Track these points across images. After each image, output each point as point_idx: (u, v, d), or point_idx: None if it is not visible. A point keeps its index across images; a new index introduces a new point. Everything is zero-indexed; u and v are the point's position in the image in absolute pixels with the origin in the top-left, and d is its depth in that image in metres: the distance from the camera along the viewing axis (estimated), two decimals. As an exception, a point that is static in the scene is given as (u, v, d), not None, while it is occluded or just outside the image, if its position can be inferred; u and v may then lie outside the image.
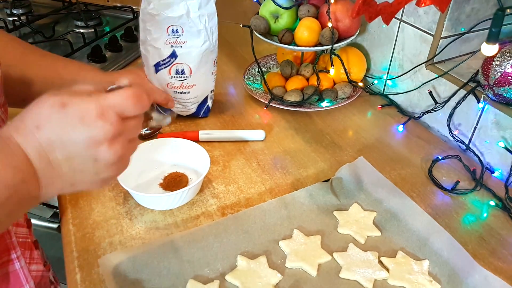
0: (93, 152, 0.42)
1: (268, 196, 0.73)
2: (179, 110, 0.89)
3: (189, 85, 0.84)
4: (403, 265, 0.60)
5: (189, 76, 0.83)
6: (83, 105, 0.42)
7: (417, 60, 0.88)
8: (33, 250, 0.68)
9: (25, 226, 0.66)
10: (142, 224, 0.68)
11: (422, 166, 0.79)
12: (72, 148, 0.42)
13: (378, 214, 0.68)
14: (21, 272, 0.68)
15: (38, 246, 0.73)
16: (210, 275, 0.59)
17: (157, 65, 0.82)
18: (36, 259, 0.73)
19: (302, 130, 0.90)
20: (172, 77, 0.83)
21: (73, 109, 0.41)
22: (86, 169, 0.43)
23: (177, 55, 0.81)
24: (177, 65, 0.82)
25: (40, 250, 0.79)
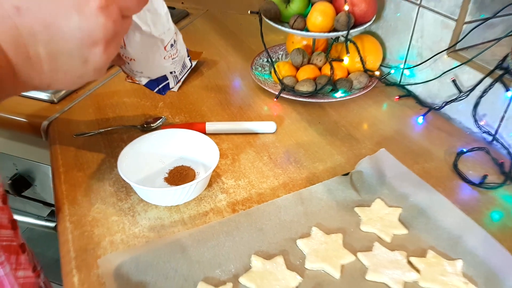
0: (85, 52, 0.36)
1: (282, 191, 0.68)
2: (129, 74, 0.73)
3: (127, 57, 0.66)
4: (434, 265, 0.54)
5: (123, 48, 0.65)
6: None
7: (438, 48, 0.83)
8: (20, 254, 0.62)
9: (10, 228, 0.60)
10: (146, 221, 0.63)
11: (446, 159, 0.74)
12: (61, 43, 0.34)
13: (404, 210, 0.63)
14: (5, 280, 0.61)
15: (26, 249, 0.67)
16: (222, 277, 0.54)
17: None
18: (24, 264, 0.67)
19: (315, 122, 0.84)
20: None
21: None
22: (71, 71, 0.37)
23: None
24: None
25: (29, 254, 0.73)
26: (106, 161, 0.74)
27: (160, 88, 0.77)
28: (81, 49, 0.35)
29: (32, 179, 1.28)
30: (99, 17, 0.34)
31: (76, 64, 0.36)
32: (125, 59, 0.68)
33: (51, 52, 0.34)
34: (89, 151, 0.77)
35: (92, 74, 0.38)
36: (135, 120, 0.85)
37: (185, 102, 0.91)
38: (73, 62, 0.36)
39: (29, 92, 0.93)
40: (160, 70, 0.74)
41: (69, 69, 0.36)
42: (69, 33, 0.34)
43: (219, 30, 1.27)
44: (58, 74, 0.36)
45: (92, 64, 0.37)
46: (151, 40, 0.65)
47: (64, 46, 0.34)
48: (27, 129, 0.89)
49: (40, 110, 0.89)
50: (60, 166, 0.74)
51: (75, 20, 0.33)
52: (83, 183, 0.70)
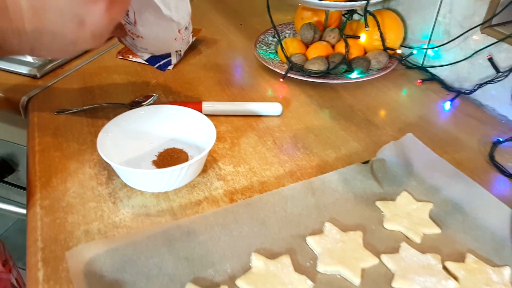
0: (82, 10, 0.27)
1: (288, 180, 0.59)
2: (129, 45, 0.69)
3: (134, 34, 0.64)
4: (476, 272, 0.45)
5: (133, 24, 0.62)
6: None
7: (470, 23, 0.73)
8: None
9: None
10: (128, 209, 0.54)
11: (481, 150, 0.65)
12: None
13: (435, 206, 0.53)
14: None
15: None
16: (215, 278, 0.45)
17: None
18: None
19: (326, 105, 0.75)
20: None
21: None
22: (61, 34, 0.28)
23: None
24: None
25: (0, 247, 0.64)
26: (88, 141, 0.65)
27: (161, 64, 0.71)
28: (76, 5, 0.27)
29: (15, 164, 1.20)
30: None
31: (69, 25, 0.28)
32: (131, 35, 0.63)
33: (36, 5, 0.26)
34: (70, 130, 0.68)
35: (90, 40, 0.30)
36: (124, 98, 0.76)
37: (181, 81, 0.82)
38: (64, 21, 0.27)
39: (10, 65, 0.84)
40: (167, 49, 0.69)
41: (59, 30, 0.28)
42: None
43: (221, 8, 1.18)
44: (44, 36, 0.28)
45: (90, 27, 0.28)
46: (167, 22, 0.61)
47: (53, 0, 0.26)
48: (4, 105, 0.81)
49: (20, 85, 0.81)
50: (36, 144, 0.66)
51: None
52: (60, 164, 0.61)
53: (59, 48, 0.30)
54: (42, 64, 0.84)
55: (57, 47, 0.30)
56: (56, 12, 0.27)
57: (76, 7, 0.27)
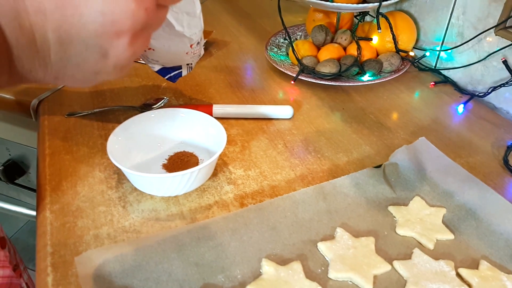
0: (106, 43, 0.28)
1: (299, 184, 0.58)
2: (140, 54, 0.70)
3: None
4: (490, 279, 0.44)
5: None
6: None
7: (484, 25, 0.72)
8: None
9: None
10: (138, 214, 0.53)
11: (494, 153, 0.63)
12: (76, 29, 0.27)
13: (449, 211, 0.52)
14: None
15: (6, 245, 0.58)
16: (225, 284, 0.44)
17: None
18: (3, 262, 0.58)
19: (338, 108, 0.74)
20: None
21: None
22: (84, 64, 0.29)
23: None
24: None
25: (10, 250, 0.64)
26: (98, 144, 0.65)
27: (171, 76, 0.71)
28: (101, 39, 0.28)
29: (26, 166, 1.20)
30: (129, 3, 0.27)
31: (93, 57, 0.28)
32: None
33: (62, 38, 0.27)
34: (80, 133, 0.68)
35: (112, 71, 0.30)
36: (134, 101, 0.75)
37: (191, 84, 0.81)
38: (88, 53, 0.28)
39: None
40: (178, 62, 0.69)
41: (83, 62, 0.29)
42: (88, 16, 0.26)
43: (232, 11, 1.17)
44: (68, 67, 0.29)
45: (113, 59, 0.29)
46: (179, 38, 0.61)
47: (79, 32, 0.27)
48: (15, 108, 0.81)
49: (31, 88, 0.81)
50: (46, 147, 0.65)
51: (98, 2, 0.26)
52: (70, 167, 0.61)
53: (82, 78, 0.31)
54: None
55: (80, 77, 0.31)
56: (82, 45, 0.27)
57: (100, 41, 0.28)
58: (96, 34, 0.27)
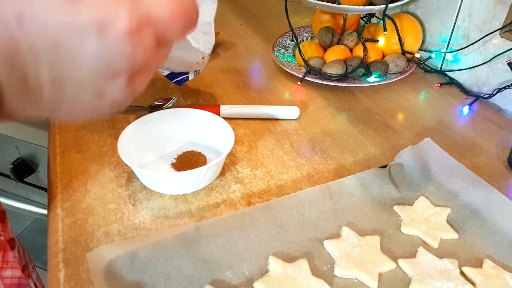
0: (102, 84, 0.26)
1: (305, 184, 0.59)
2: None
3: None
4: (494, 278, 0.44)
5: None
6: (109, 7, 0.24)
7: (489, 28, 0.72)
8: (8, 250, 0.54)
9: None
10: (148, 211, 0.54)
11: (499, 155, 0.64)
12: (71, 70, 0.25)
13: (453, 211, 0.53)
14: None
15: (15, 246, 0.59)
16: (233, 281, 0.45)
17: None
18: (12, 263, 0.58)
19: (344, 109, 0.75)
20: None
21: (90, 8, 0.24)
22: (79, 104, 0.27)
23: None
24: None
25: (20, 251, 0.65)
26: (108, 143, 0.66)
27: (179, 80, 0.74)
28: (96, 80, 0.26)
29: (35, 165, 1.22)
30: (125, 44, 0.25)
31: (88, 97, 0.27)
32: None
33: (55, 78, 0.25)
34: (90, 132, 0.69)
35: (108, 109, 0.29)
36: (143, 101, 0.76)
37: (199, 84, 0.82)
38: (83, 93, 0.27)
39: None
40: (187, 69, 0.71)
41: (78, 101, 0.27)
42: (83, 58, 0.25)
43: (239, 12, 1.18)
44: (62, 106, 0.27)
45: (109, 100, 0.28)
46: (194, 51, 0.64)
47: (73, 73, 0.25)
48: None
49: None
50: (57, 146, 0.66)
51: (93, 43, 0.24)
52: (80, 166, 0.62)
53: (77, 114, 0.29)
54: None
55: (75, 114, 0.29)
56: (76, 85, 0.26)
57: (96, 82, 0.26)
58: (91, 75, 0.26)
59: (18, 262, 0.59)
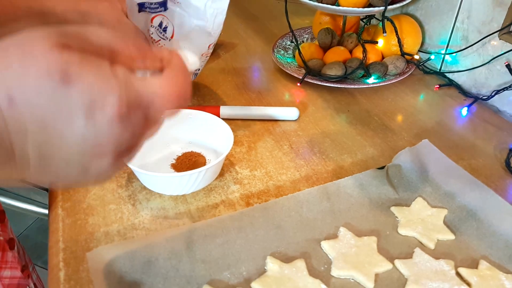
0: (87, 163, 0.27)
1: (303, 184, 0.59)
2: None
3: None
4: (489, 279, 0.45)
5: (168, 39, 0.68)
6: (102, 89, 0.25)
7: (488, 29, 0.73)
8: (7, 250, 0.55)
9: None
10: (147, 212, 0.55)
11: (497, 156, 0.64)
12: (57, 148, 0.26)
13: (450, 212, 0.53)
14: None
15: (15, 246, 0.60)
16: (231, 281, 0.45)
17: (142, 5, 0.68)
18: (11, 263, 0.59)
19: (343, 110, 0.75)
20: (153, 26, 0.69)
21: (80, 92, 0.24)
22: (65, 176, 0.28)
23: (167, 8, 0.67)
24: (162, 18, 0.68)
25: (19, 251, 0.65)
26: (108, 144, 0.66)
27: None
28: (82, 158, 0.26)
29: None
30: (113, 127, 0.26)
31: (73, 172, 0.27)
32: None
33: (42, 155, 0.26)
34: (90, 133, 0.69)
35: (93, 183, 0.29)
36: (143, 101, 0.77)
37: (199, 85, 0.83)
38: (69, 169, 0.27)
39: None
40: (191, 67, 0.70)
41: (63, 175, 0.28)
42: (70, 139, 0.25)
43: (240, 13, 1.19)
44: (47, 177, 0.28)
45: (94, 175, 0.28)
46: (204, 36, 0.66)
47: (60, 151, 0.26)
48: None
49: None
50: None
51: (81, 126, 0.25)
52: (81, 166, 0.62)
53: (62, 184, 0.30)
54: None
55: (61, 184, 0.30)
56: (62, 162, 0.26)
57: (82, 159, 0.26)
58: (77, 154, 0.26)
59: (17, 262, 0.59)
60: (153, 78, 0.28)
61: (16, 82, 0.23)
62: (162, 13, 0.68)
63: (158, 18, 0.68)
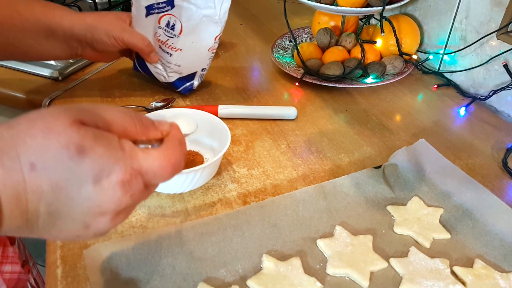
0: (89, 220, 0.31)
1: (300, 183, 0.59)
2: (157, 71, 0.77)
3: (174, 47, 0.72)
4: (484, 278, 0.45)
5: (177, 36, 0.71)
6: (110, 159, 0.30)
7: (486, 30, 0.73)
8: (7, 246, 0.55)
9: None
10: (144, 210, 0.55)
11: (494, 156, 0.64)
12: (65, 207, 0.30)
13: (446, 211, 0.53)
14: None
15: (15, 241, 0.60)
16: (227, 278, 0.46)
17: (150, 7, 0.70)
18: (11, 258, 0.60)
19: (341, 110, 0.75)
20: (161, 27, 0.71)
21: (92, 162, 0.29)
22: (68, 231, 0.32)
23: (174, 5, 0.69)
24: (170, 16, 0.70)
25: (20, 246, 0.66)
26: (106, 142, 0.67)
27: (185, 87, 0.77)
28: (86, 217, 0.31)
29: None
30: (116, 191, 0.31)
31: (76, 227, 0.32)
32: (169, 51, 0.72)
33: (52, 212, 0.30)
34: (89, 131, 0.69)
35: (92, 237, 0.34)
36: (142, 101, 0.77)
37: (198, 85, 0.83)
38: (73, 225, 0.32)
39: (32, 68, 0.87)
40: (197, 64, 0.75)
41: (66, 229, 0.32)
42: (78, 200, 0.30)
43: (239, 12, 1.19)
44: (52, 232, 0.32)
45: (94, 230, 0.32)
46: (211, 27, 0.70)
47: (68, 210, 0.30)
48: (26, 107, 0.83)
49: (42, 87, 0.83)
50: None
51: (89, 190, 0.30)
52: (79, 165, 0.62)
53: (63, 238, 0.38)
54: (64, 67, 0.86)
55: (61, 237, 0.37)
56: (68, 219, 0.31)
57: (85, 217, 0.31)
58: (82, 213, 0.30)
59: (18, 258, 0.60)
60: (153, 150, 0.33)
61: (39, 151, 0.28)
62: (169, 12, 0.70)
63: (165, 18, 0.70)
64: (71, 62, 0.88)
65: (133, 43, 0.69)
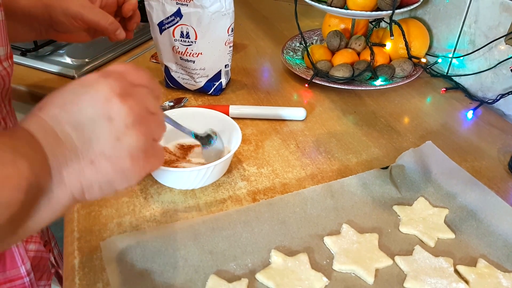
0: (103, 109, 0.35)
1: (309, 182, 0.61)
2: (186, 81, 0.80)
3: (195, 53, 0.75)
4: (487, 277, 0.46)
5: (194, 42, 0.74)
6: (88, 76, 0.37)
7: (495, 34, 0.74)
8: None
9: None
10: (158, 205, 0.57)
11: (500, 159, 0.65)
12: (78, 113, 0.35)
13: (451, 212, 0.55)
14: (16, 251, 0.58)
15: None
16: (236, 271, 0.47)
17: (161, 24, 0.73)
18: (35, 238, 0.63)
19: (350, 111, 0.77)
20: (177, 39, 0.74)
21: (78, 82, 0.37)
22: (102, 135, 0.35)
23: (182, 14, 0.72)
24: (181, 26, 0.73)
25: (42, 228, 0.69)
26: (121, 140, 0.69)
27: (215, 88, 0.80)
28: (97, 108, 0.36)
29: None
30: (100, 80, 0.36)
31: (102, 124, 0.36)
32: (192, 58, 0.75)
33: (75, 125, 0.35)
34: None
35: (125, 131, 0.36)
36: (155, 100, 0.79)
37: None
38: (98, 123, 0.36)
39: (48, 66, 0.89)
40: (219, 61, 0.77)
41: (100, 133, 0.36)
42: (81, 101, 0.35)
43: (251, 14, 1.21)
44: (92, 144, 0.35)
45: (118, 118, 0.36)
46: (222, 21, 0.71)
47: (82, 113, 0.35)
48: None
49: (59, 85, 0.84)
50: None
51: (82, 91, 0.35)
52: (95, 160, 0.65)
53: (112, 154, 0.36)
54: (79, 65, 0.89)
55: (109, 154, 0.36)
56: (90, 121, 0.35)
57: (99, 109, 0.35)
58: (92, 107, 0.35)
59: (40, 238, 0.63)
60: None
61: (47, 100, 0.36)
62: (179, 23, 0.72)
63: (178, 29, 0.73)
64: (87, 61, 0.90)
65: (95, 21, 0.62)
